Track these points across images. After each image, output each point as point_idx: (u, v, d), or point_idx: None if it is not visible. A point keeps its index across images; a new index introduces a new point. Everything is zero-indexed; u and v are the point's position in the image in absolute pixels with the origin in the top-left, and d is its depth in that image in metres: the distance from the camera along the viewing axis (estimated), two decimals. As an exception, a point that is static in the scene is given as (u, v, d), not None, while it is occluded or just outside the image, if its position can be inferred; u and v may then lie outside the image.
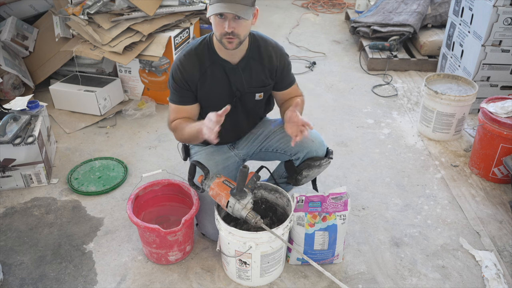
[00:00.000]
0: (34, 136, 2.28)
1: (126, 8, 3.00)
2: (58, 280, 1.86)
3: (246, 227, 1.93)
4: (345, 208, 1.78)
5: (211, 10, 1.60)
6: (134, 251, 2.00)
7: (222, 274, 1.89)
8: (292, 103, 1.89)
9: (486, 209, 2.26)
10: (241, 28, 1.63)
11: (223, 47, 1.69)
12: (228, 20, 1.60)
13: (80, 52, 2.96)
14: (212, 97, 1.85)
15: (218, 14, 1.61)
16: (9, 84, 3.07)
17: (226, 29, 1.60)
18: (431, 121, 2.77)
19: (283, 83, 1.93)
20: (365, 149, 2.74)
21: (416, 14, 3.97)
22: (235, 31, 1.62)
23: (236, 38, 1.64)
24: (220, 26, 1.63)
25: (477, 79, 2.93)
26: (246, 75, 1.83)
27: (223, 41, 1.66)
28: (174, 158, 2.61)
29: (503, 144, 2.32)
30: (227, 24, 1.60)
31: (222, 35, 1.64)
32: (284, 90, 1.95)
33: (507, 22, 2.72)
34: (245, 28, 1.65)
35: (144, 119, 3.04)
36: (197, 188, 1.86)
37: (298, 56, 4.03)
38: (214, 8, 1.59)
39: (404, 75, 3.72)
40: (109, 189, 2.36)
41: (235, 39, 1.64)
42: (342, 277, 1.88)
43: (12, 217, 2.19)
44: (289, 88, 1.96)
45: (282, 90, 1.95)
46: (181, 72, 1.79)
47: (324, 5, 5.52)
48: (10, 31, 3.28)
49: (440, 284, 1.86)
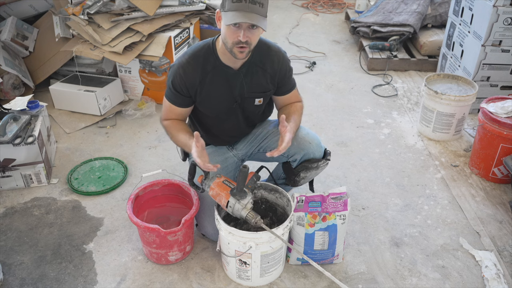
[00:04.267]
0: (34, 136, 2.28)
1: (126, 8, 3.00)
2: (58, 280, 1.86)
3: (246, 227, 1.93)
4: (345, 208, 1.78)
5: (228, 19, 1.57)
6: (134, 251, 2.00)
7: (222, 274, 1.89)
8: (290, 110, 1.90)
9: (486, 209, 2.26)
10: (254, 38, 1.63)
11: (233, 56, 1.66)
12: (243, 29, 1.58)
13: (80, 52, 2.96)
14: (212, 102, 1.84)
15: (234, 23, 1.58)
16: (9, 84, 3.07)
17: (241, 38, 1.59)
18: (431, 121, 2.77)
19: (283, 88, 1.92)
20: (365, 149, 2.74)
21: (416, 14, 3.97)
22: (249, 40, 1.61)
23: (248, 47, 1.63)
24: (234, 35, 1.60)
25: (477, 79, 2.93)
26: (247, 80, 1.82)
27: (234, 50, 1.63)
28: (174, 158, 2.61)
29: (503, 144, 2.32)
30: (242, 33, 1.58)
31: (234, 44, 1.62)
32: (285, 95, 1.94)
33: (507, 22, 2.72)
34: (257, 38, 1.66)
35: (144, 119, 3.04)
36: (197, 188, 1.86)
37: (298, 56, 4.03)
38: (232, 17, 1.56)
39: (404, 75, 3.72)
40: (109, 189, 2.36)
41: (247, 48, 1.63)
42: (342, 277, 1.88)
43: (12, 217, 2.19)
44: (289, 93, 1.94)
45: (283, 95, 1.94)
46: (181, 77, 1.77)
47: (324, 5, 5.52)
48: (10, 31, 3.28)
49: (440, 284, 1.86)
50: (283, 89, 1.92)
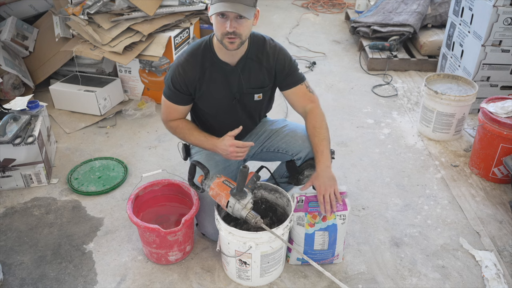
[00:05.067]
0: (34, 136, 2.28)
1: (126, 8, 3.00)
2: (58, 280, 1.86)
3: (246, 227, 1.93)
4: (345, 208, 1.78)
5: (213, 9, 1.60)
6: (134, 251, 2.00)
7: (222, 274, 1.89)
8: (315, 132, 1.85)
9: (486, 209, 2.26)
10: (242, 28, 1.63)
11: (224, 47, 1.67)
12: (230, 20, 1.60)
13: (80, 52, 2.96)
14: (211, 99, 1.85)
15: (219, 14, 1.60)
16: (9, 84, 3.07)
17: (227, 28, 1.60)
18: (431, 121, 2.77)
19: (286, 82, 1.89)
20: (365, 149, 2.74)
21: (416, 14, 3.97)
22: (236, 31, 1.61)
23: (237, 38, 1.63)
24: (221, 26, 1.62)
25: (477, 79, 2.93)
26: (245, 76, 1.82)
27: (224, 41, 1.65)
28: (174, 158, 2.61)
29: (503, 144, 2.32)
30: (229, 23, 1.59)
31: (223, 35, 1.63)
32: (289, 89, 1.90)
33: (507, 22, 2.72)
34: (246, 28, 1.65)
35: (144, 119, 3.04)
36: (197, 188, 1.86)
37: (298, 56, 4.03)
38: (216, 7, 1.58)
39: (404, 75, 3.72)
40: (109, 189, 2.36)
41: (237, 39, 1.64)
42: (342, 277, 1.88)
43: (12, 217, 2.19)
44: (294, 87, 1.89)
45: (287, 89, 1.90)
46: (180, 75, 1.78)
47: (324, 5, 5.52)
48: (10, 31, 3.28)
49: (440, 284, 1.86)
50: (286, 82, 1.89)
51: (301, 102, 1.92)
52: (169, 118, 1.91)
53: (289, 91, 1.91)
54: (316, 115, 1.88)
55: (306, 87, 1.91)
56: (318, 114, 1.89)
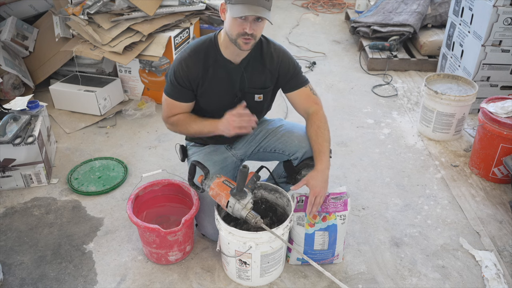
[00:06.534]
0: (34, 136, 2.28)
1: (126, 8, 3.00)
2: (58, 280, 1.86)
3: (246, 227, 1.93)
4: (345, 208, 1.78)
5: (235, 12, 1.59)
6: (134, 251, 2.00)
7: (222, 274, 1.89)
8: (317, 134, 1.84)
9: (486, 209, 2.26)
10: (259, 30, 1.66)
11: (237, 47, 1.68)
12: (250, 22, 1.61)
13: (80, 52, 2.96)
14: (213, 96, 1.85)
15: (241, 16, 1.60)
16: (9, 84, 3.07)
17: (247, 30, 1.61)
18: (431, 121, 2.77)
19: (290, 84, 1.89)
20: (365, 149, 2.74)
21: (416, 14, 3.97)
22: (254, 32, 1.63)
23: (253, 39, 1.66)
24: (239, 27, 1.63)
25: (477, 79, 2.93)
26: (248, 75, 1.83)
27: (239, 41, 1.65)
28: (174, 158, 2.61)
29: (503, 144, 2.32)
30: (249, 25, 1.61)
31: (239, 35, 1.64)
32: (292, 91, 1.90)
33: (507, 22, 2.72)
34: (262, 30, 1.69)
35: (144, 119, 3.04)
36: (197, 188, 1.86)
37: (298, 56, 4.03)
38: (239, 10, 1.58)
39: (404, 75, 3.72)
40: (109, 189, 2.36)
41: (252, 40, 1.66)
42: (342, 277, 1.88)
43: (12, 217, 2.19)
44: (297, 90, 1.90)
45: (291, 91, 1.91)
46: (183, 70, 1.78)
47: (324, 5, 5.52)
48: (10, 31, 3.28)
49: (440, 284, 1.86)
50: (290, 85, 1.90)
51: (304, 104, 1.92)
52: (170, 116, 1.90)
53: (293, 93, 1.91)
54: (321, 116, 1.90)
55: (310, 89, 1.92)
56: (323, 116, 1.91)
